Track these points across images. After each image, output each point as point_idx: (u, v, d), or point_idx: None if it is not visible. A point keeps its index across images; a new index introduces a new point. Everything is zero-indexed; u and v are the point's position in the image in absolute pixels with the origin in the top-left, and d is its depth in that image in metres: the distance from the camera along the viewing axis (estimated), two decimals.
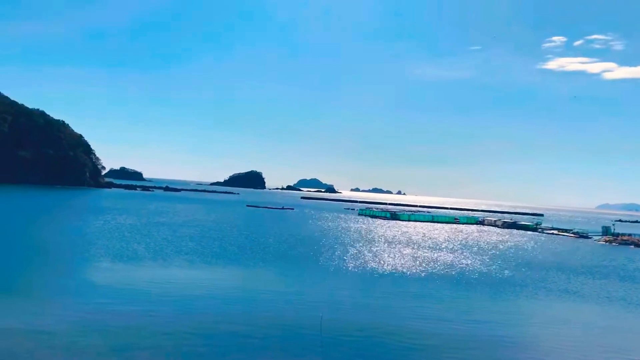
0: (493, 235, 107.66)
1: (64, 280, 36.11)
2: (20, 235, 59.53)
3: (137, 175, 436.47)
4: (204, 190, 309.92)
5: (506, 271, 53.96)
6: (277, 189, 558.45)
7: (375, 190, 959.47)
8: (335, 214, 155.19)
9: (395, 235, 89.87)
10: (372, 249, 66.51)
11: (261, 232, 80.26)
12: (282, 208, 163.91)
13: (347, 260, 53.87)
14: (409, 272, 48.55)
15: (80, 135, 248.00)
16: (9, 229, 64.80)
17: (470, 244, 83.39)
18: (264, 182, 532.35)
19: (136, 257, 47.91)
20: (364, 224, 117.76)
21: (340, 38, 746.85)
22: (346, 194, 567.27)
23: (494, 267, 56.74)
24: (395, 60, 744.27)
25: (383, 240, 78.62)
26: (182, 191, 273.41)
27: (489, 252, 71.66)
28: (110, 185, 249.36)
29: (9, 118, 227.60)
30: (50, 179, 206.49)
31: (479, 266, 56.44)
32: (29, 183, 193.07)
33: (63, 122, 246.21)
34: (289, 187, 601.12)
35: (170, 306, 29.72)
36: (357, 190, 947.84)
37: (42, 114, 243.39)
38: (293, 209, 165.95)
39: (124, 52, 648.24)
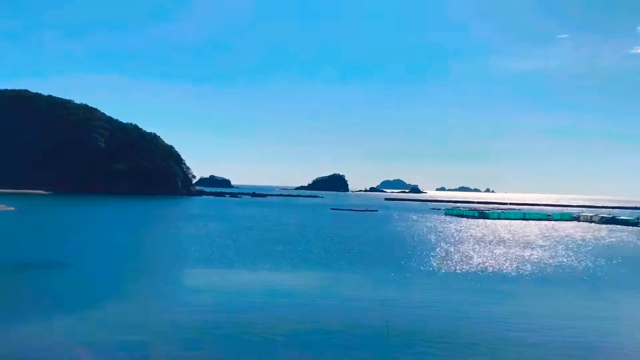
0: (590, 231, 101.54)
1: (159, 285, 37.57)
2: (120, 242, 62.80)
3: (226, 183, 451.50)
4: (289, 195, 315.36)
5: (608, 270, 50.48)
6: (360, 191, 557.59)
7: (462, 188, 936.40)
8: (421, 214, 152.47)
9: (485, 235, 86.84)
10: (461, 249, 64.52)
11: (346, 235, 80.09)
12: (366, 210, 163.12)
13: (434, 261, 52.52)
14: (500, 272, 46.52)
15: (171, 147, 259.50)
16: (111, 236, 68.57)
17: (566, 241, 79.04)
18: (347, 185, 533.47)
19: (227, 261, 49.12)
20: (451, 223, 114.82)
21: (421, 30, 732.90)
22: (431, 193, 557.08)
23: (593, 265, 53.30)
24: (478, 53, 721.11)
25: (472, 240, 76.15)
26: (268, 196, 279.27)
27: (587, 249, 67.53)
28: (200, 193, 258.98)
29: (105, 133, 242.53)
30: (145, 189, 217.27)
31: (576, 265, 53.22)
32: (125, 194, 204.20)
33: (155, 134, 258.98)
34: (372, 189, 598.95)
35: (257, 309, 30.00)
36: (442, 189, 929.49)
37: (136, 127, 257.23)
38: (377, 210, 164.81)
39: (208, 64, 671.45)
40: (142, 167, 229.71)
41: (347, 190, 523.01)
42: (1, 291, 33.47)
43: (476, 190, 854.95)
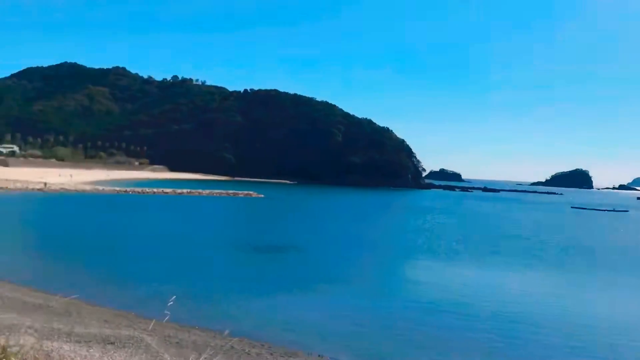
0: None
1: (382, 273, 37.06)
2: (352, 229, 64.66)
3: (456, 176, 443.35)
4: (524, 191, 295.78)
5: None
6: (606, 188, 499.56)
7: None
8: None
9: None
10: None
11: (587, 236, 71.17)
12: (613, 210, 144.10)
13: None
14: None
15: (403, 140, 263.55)
16: (344, 224, 71.19)
17: None
18: (591, 182, 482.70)
19: (454, 256, 46.84)
20: None
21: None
22: None
23: None
24: None
25: None
26: (501, 192, 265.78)
27: None
28: (430, 186, 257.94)
29: (342, 128, 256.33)
30: (376, 181, 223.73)
31: None
32: (357, 185, 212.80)
33: (387, 128, 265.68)
34: (621, 187, 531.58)
35: (482, 308, 27.25)
36: None
37: (370, 122, 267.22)
38: (627, 211, 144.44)
39: (435, 61, 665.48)
40: (374, 160, 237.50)
41: (591, 187, 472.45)
42: (250, 270, 36.26)
43: None
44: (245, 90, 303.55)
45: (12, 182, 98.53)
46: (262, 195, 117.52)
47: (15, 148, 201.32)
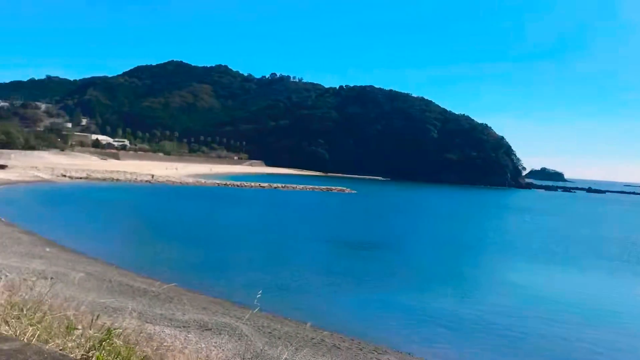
0: None
1: (476, 274, 35.91)
2: (445, 228, 63.37)
3: (558, 176, 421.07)
4: (633, 193, 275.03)
5: None
6: None
7: None
8: None
9: None
10: None
11: None
12: None
13: None
14: None
15: (502, 137, 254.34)
16: (437, 222, 69.88)
17: None
18: None
19: (553, 259, 44.53)
20: None
21: None
22: None
23: None
24: None
25: None
26: (607, 192, 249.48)
27: None
28: (530, 185, 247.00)
29: (438, 124, 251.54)
30: (472, 180, 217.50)
31: None
32: (453, 183, 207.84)
33: (486, 125, 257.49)
34: None
35: (577, 315, 25.63)
36: None
37: (467, 118, 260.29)
38: None
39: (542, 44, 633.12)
40: (471, 157, 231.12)
41: None
42: (341, 264, 36.54)
43: None
44: (341, 87, 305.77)
45: (123, 173, 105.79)
46: (355, 191, 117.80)
47: (126, 142, 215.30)
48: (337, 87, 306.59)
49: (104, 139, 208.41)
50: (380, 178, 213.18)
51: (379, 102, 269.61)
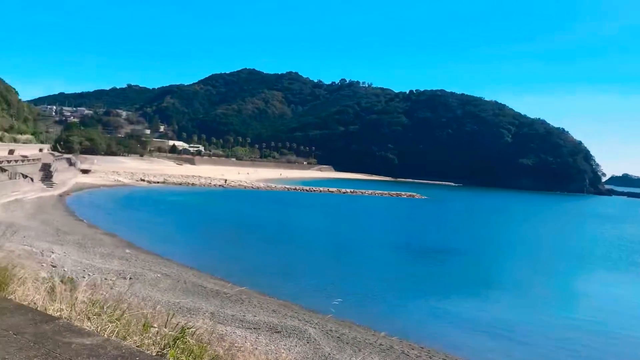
0: None
1: (552, 284, 34.43)
2: (519, 236, 61.31)
3: None
4: None
5: None
6: None
7: None
8: None
9: None
10: None
11: None
12: None
13: None
14: None
15: (580, 142, 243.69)
16: (511, 229, 67.75)
17: None
18: None
19: (635, 270, 42.11)
20: None
21: None
22: None
23: None
24: None
25: None
26: None
27: None
28: (610, 192, 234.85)
29: (512, 129, 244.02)
30: (549, 186, 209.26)
31: None
32: (528, 189, 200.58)
33: (562, 129, 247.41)
34: None
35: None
36: None
37: (542, 122, 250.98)
38: None
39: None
40: (547, 162, 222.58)
41: None
42: (411, 271, 36.15)
43: None
44: (411, 91, 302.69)
45: (197, 178, 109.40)
46: (426, 197, 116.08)
47: (201, 147, 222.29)
48: (407, 92, 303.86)
49: (180, 144, 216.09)
50: (452, 184, 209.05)
51: (450, 106, 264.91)
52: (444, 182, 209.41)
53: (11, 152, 71.69)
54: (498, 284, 32.91)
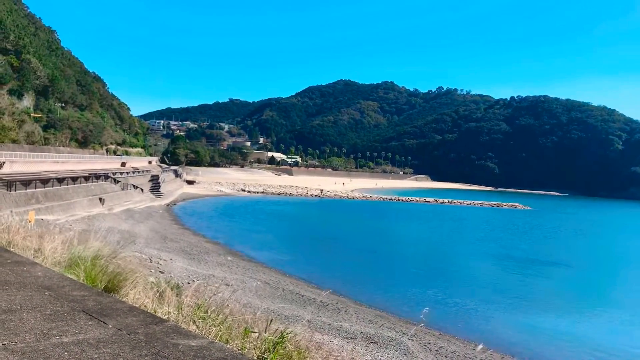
0: None
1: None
2: (622, 250, 57.11)
3: None
4: None
5: None
6: None
7: None
8: None
9: None
10: None
11: None
12: None
13: None
14: None
15: None
16: (616, 243, 63.26)
17: None
18: None
19: None
20: None
21: None
22: None
23: None
24: None
25: None
26: None
27: None
28: None
29: (623, 135, 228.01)
30: None
31: None
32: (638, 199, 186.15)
33: None
34: None
35: None
36: None
37: None
38: None
39: None
40: None
41: None
42: (510, 283, 34.68)
43: None
44: (512, 98, 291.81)
45: (295, 188, 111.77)
46: (529, 207, 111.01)
47: (298, 158, 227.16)
48: (508, 99, 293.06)
49: (278, 155, 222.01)
50: (557, 193, 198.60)
51: (554, 113, 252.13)
52: (548, 192, 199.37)
53: (123, 164, 77.15)
54: (600, 300, 30.74)
